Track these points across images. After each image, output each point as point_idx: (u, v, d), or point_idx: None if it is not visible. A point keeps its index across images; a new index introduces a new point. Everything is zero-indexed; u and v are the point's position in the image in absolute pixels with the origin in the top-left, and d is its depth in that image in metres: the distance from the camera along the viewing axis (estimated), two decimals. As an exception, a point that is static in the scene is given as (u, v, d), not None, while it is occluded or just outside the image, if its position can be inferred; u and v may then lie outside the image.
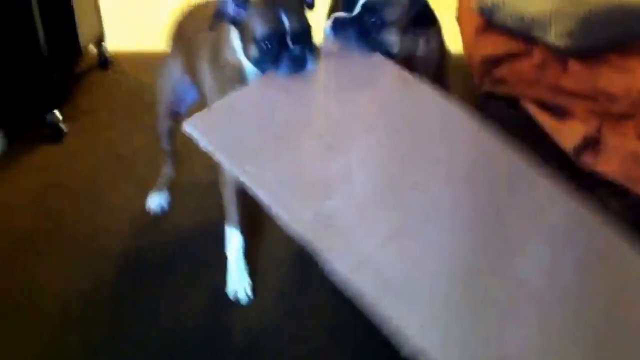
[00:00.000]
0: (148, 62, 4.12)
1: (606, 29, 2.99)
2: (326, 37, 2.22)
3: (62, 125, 3.49)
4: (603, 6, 3.01)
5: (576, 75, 2.83)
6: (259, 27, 2.03)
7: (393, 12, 2.15)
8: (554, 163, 2.33)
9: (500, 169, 1.92)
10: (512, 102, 2.71)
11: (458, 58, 3.54)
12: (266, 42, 2.03)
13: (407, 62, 2.20)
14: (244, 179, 1.83)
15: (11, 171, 3.24)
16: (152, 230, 2.87)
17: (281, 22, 2.02)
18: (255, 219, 2.74)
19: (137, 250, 2.76)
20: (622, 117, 2.60)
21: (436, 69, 2.33)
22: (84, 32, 3.89)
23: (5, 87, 3.46)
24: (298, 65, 2.04)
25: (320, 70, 2.12)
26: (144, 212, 2.94)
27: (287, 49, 2.03)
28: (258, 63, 2.09)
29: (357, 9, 2.13)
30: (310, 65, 2.07)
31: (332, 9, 3.11)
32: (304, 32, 2.06)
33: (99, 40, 4.17)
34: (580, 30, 2.94)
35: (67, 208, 2.99)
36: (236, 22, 2.10)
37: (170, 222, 2.91)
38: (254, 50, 2.07)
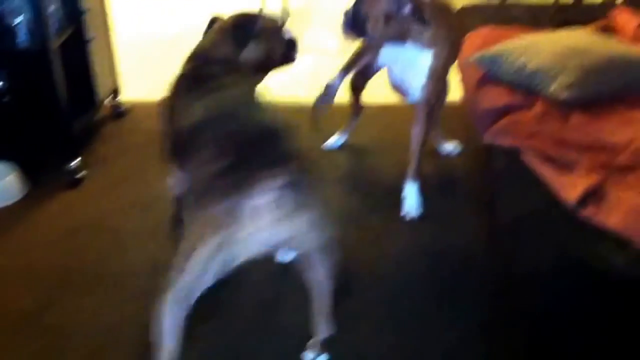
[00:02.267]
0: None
1: (607, 81, 2.97)
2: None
3: (81, 172, 3.57)
4: (603, 58, 3.00)
5: (578, 127, 2.80)
6: None
7: None
8: (556, 215, 2.33)
9: None
10: (515, 154, 2.68)
11: (460, 108, 3.59)
12: None
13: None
14: None
15: (33, 215, 3.31)
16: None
17: None
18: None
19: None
20: (625, 169, 2.55)
21: None
22: (101, 86, 3.97)
23: (29, 138, 3.59)
24: None
25: None
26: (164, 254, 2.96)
27: None
28: None
29: None
30: None
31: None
32: None
33: (115, 93, 4.23)
34: (582, 82, 2.91)
35: (88, 250, 3.05)
36: None
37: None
38: None
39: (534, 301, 2.14)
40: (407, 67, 3.17)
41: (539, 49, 3.10)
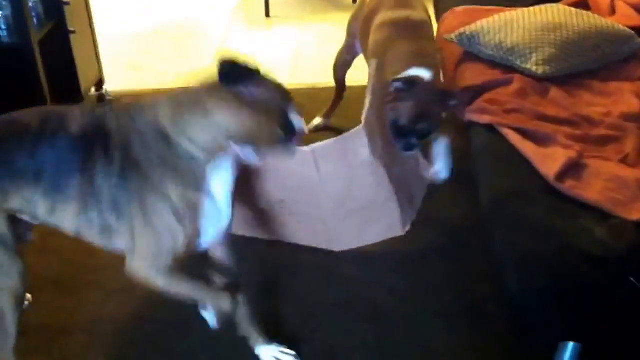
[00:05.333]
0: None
1: (582, 55, 2.96)
2: None
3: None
4: (578, 33, 2.99)
5: (556, 102, 2.79)
6: None
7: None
8: (536, 190, 2.30)
9: None
10: (494, 131, 2.64)
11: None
12: None
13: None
14: None
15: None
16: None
17: None
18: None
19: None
20: (603, 142, 2.55)
21: None
22: (85, 76, 3.93)
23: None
24: None
25: None
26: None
27: None
28: None
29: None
30: None
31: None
32: None
33: (99, 83, 4.18)
34: (558, 58, 2.92)
35: (68, 248, 2.93)
36: None
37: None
38: None
39: (515, 279, 2.10)
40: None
41: (516, 25, 3.07)
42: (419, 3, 3.25)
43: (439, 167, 2.87)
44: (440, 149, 2.87)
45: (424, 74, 2.74)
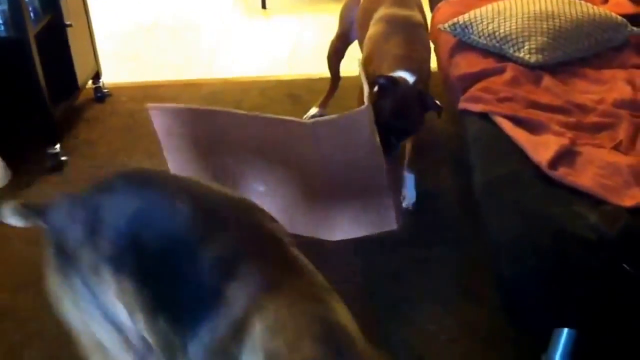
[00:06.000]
0: (142, 93, 4.18)
1: (575, 43, 2.96)
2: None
3: (63, 157, 3.51)
4: (571, 21, 2.99)
5: (549, 90, 2.79)
6: None
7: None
8: (531, 177, 2.29)
9: None
10: (488, 120, 2.64)
11: (437, 75, 3.52)
12: None
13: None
14: None
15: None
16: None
17: None
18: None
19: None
20: (596, 129, 2.55)
21: None
22: (81, 69, 3.91)
23: (9, 124, 3.55)
24: None
25: None
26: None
27: None
28: None
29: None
30: None
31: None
32: None
33: (96, 76, 4.16)
34: (551, 46, 2.92)
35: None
36: None
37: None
38: None
39: (508, 264, 2.10)
40: None
41: (509, 14, 3.07)
42: (417, 6, 3.30)
43: (409, 195, 3.10)
44: (408, 180, 3.11)
45: (409, 77, 2.88)
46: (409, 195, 3.09)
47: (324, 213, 2.79)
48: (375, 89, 2.84)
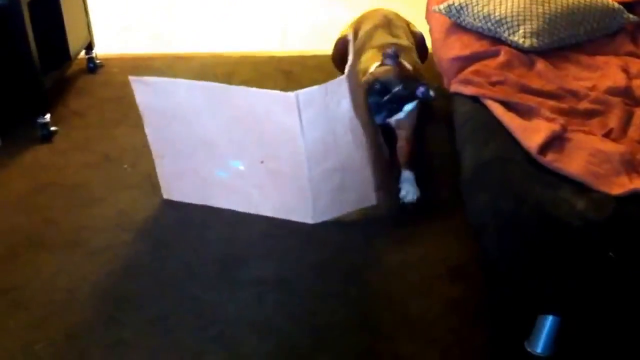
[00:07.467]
0: (134, 65, 4.15)
1: (569, 28, 2.94)
2: None
3: (53, 127, 3.47)
4: (566, 6, 2.96)
5: (542, 75, 2.76)
6: None
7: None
8: (520, 161, 2.27)
9: None
10: (479, 103, 2.61)
11: (430, 58, 3.50)
12: None
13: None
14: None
15: (4, 170, 3.18)
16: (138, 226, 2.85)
17: None
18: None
19: (123, 244, 2.73)
20: (587, 115, 2.52)
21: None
22: (74, 39, 3.85)
23: None
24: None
25: None
26: (131, 207, 2.93)
27: None
28: None
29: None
30: None
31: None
32: None
33: (89, 46, 4.11)
34: (544, 30, 2.89)
35: (58, 205, 2.95)
36: None
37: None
38: None
39: (494, 247, 2.09)
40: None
41: (505, -3, 3.03)
42: (404, 34, 3.43)
43: (405, 191, 3.04)
44: (407, 176, 3.06)
45: (407, 65, 3.04)
46: (408, 192, 3.04)
47: (302, 193, 2.78)
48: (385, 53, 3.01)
